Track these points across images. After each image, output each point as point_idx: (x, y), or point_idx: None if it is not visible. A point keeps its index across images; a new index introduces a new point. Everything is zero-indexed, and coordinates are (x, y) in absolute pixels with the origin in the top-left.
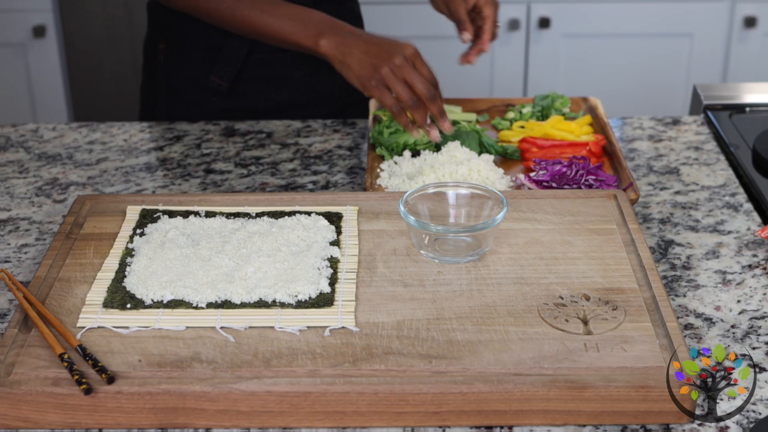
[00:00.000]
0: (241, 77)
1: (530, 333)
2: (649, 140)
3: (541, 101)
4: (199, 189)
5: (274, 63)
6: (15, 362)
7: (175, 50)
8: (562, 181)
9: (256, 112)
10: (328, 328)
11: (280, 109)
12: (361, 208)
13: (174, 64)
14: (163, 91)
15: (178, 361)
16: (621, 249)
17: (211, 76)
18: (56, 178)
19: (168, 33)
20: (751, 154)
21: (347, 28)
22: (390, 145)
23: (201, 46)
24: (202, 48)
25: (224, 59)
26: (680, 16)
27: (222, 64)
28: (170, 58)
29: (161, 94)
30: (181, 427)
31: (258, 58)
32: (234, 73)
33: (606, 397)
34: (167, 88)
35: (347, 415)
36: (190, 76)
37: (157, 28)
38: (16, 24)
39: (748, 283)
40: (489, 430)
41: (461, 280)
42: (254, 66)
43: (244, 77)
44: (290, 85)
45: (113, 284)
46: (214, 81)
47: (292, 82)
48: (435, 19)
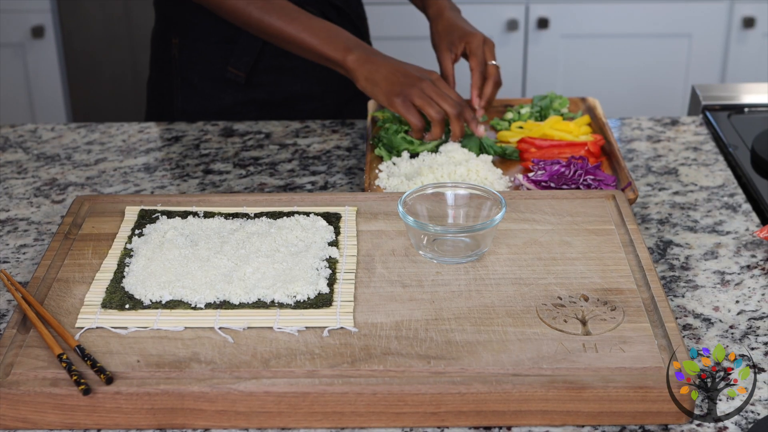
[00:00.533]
0: (256, 69)
1: (529, 333)
2: (648, 140)
3: (540, 101)
4: (198, 189)
5: (287, 53)
6: (13, 363)
7: (190, 44)
8: (560, 181)
9: (270, 104)
10: (327, 328)
11: (293, 100)
12: (359, 209)
13: (189, 58)
14: (178, 85)
15: (176, 362)
16: (619, 249)
17: (229, 67)
18: (55, 179)
19: (180, 27)
20: (750, 155)
21: (374, 50)
22: (396, 146)
23: (215, 38)
24: (217, 41)
25: (240, 50)
26: (679, 16)
27: (238, 55)
28: (184, 53)
29: (176, 88)
30: (180, 427)
31: (272, 48)
32: (251, 62)
33: (604, 397)
34: (182, 83)
35: (345, 415)
36: (206, 69)
37: (167, 23)
38: (14, 24)
39: (746, 283)
40: (487, 430)
41: (460, 280)
42: (268, 57)
43: (258, 68)
44: (303, 75)
45: (112, 285)
46: (231, 72)
47: (305, 73)
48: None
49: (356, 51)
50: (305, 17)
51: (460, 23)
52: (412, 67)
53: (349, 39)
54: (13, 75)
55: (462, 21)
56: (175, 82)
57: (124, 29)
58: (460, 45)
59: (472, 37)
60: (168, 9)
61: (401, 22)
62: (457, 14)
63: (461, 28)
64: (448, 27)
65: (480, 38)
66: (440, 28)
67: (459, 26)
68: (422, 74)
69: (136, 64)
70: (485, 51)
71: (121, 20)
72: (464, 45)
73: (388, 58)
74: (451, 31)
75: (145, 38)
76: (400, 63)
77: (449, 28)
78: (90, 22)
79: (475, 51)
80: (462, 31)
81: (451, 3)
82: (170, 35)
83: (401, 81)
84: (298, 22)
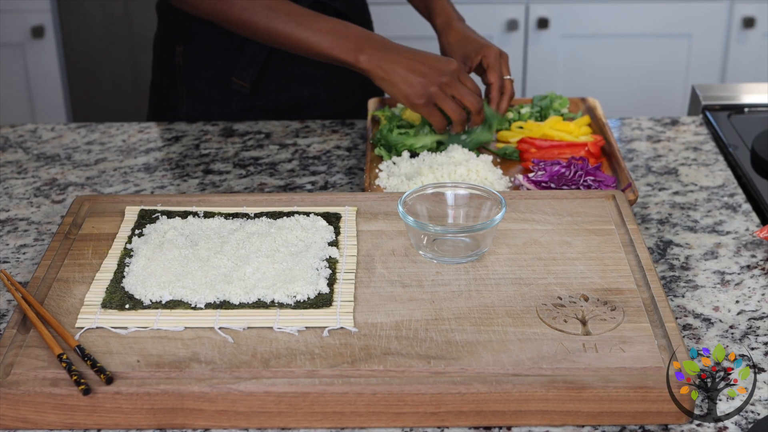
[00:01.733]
0: (262, 76)
1: (529, 333)
2: (648, 141)
3: (540, 102)
4: (198, 189)
5: (294, 61)
6: (13, 363)
7: (195, 52)
8: (560, 182)
9: (277, 111)
10: (327, 328)
11: (300, 106)
12: (359, 209)
13: (194, 65)
14: (183, 91)
15: (176, 362)
16: (619, 249)
17: (233, 78)
18: (55, 179)
19: (185, 35)
20: (750, 155)
21: (385, 42)
22: (397, 145)
23: (221, 47)
24: (223, 49)
25: (245, 61)
26: (679, 16)
27: (243, 66)
28: (189, 60)
29: (181, 94)
30: (180, 427)
31: (278, 56)
32: (256, 73)
33: (604, 397)
34: (187, 89)
35: (345, 415)
36: (212, 77)
37: (171, 30)
38: (14, 24)
39: (746, 283)
40: (487, 430)
41: (460, 280)
42: (275, 65)
43: (265, 76)
44: (310, 82)
45: (112, 285)
46: (236, 83)
47: (312, 80)
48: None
49: (367, 50)
50: (312, 19)
51: (472, 35)
52: (428, 59)
53: (359, 36)
54: (13, 75)
55: (473, 32)
56: (179, 88)
57: (124, 29)
58: (476, 58)
59: (488, 51)
60: (170, 15)
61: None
62: (465, 25)
63: (476, 41)
64: (462, 39)
65: (496, 52)
66: (452, 39)
67: (473, 39)
68: (441, 67)
69: (136, 64)
70: (502, 65)
71: (121, 20)
72: (480, 58)
73: (402, 52)
74: (465, 43)
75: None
76: (416, 55)
77: (462, 40)
78: (90, 22)
79: (493, 65)
80: (477, 44)
81: (456, 13)
82: (174, 42)
83: (420, 81)
84: (305, 26)
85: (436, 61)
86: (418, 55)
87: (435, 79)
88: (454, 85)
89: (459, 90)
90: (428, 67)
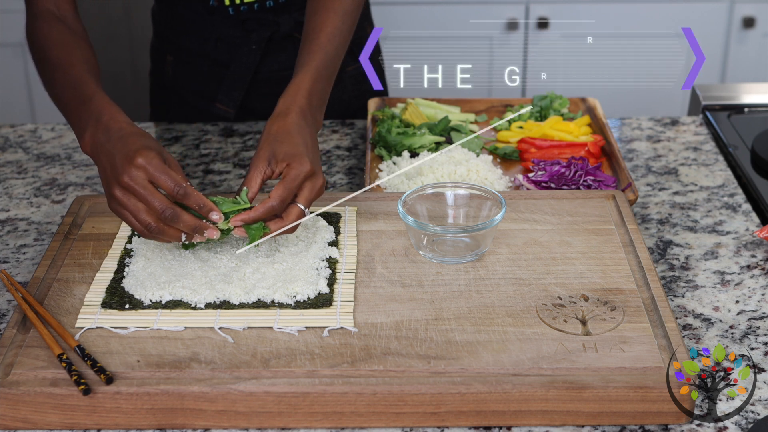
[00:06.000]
0: (248, 95)
1: (529, 333)
2: (648, 141)
3: (540, 101)
4: (198, 189)
5: (280, 81)
6: (13, 363)
7: (182, 64)
8: (560, 182)
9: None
10: (327, 328)
11: None
12: (359, 209)
13: (182, 76)
14: (174, 100)
15: (176, 362)
16: (619, 249)
17: (216, 103)
18: (55, 179)
19: (174, 45)
20: (750, 155)
21: (104, 124)
22: (396, 145)
23: (207, 62)
24: (209, 64)
25: (228, 86)
26: (679, 16)
27: (226, 91)
28: (178, 71)
29: (172, 102)
30: (180, 427)
31: (264, 77)
32: (239, 98)
33: (604, 397)
34: (177, 98)
35: (345, 415)
36: (199, 89)
37: (162, 38)
38: (14, 24)
39: (746, 283)
40: (487, 430)
41: (460, 280)
42: (260, 84)
43: (250, 95)
44: None
45: (112, 285)
46: (219, 108)
47: None
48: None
49: (88, 133)
50: (63, 81)
51: (298, 138)
52: (123, 150)
53: (91, 114)
54: (13, 75)
55: (308, 135)
56: (171, 97)
57: (124, 29)
58: (281, 165)
59: (296, 165)
60: (160, 26)
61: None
62: (310, 119)
63: (294, 147)
64: (282, 135)
65: (303, 172)
66: (274, 129)
67: (295, 142)
68: (125, 162)
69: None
70: (304, 188)
71: (121, 20)
72: (284, 167)
73: (111, 137)
74: (283, 141)
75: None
76: (117, 145)
77: (283, 136)
78: (90, 22)
79: (288, 184)
80: (292, 153)
81: (316, 96)
82: (165, 50)
83: (108, 182)
84: (57, 87)
85: (124, 156)
86: (118, 144)
87: (117, 180)
88: (137, 190)
89: (142, 195)
90: (115, 165)
